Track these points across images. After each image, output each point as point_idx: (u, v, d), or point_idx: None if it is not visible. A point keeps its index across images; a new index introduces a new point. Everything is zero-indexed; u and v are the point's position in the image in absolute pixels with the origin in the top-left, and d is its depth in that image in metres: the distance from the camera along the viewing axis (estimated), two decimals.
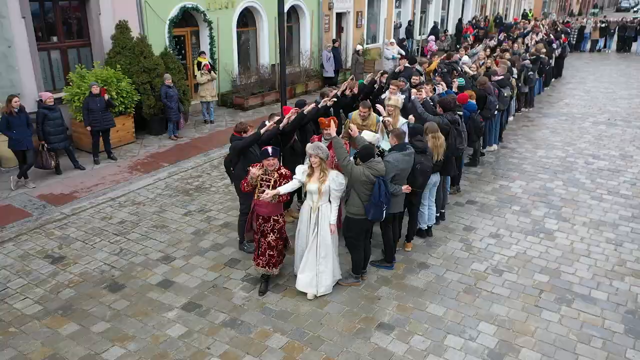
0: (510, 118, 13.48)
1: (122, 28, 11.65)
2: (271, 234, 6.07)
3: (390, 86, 8.66)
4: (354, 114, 8.01)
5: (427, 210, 7.40)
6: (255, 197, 5.99)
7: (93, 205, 8.67)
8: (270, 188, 5.80)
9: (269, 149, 5.80)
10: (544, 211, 8.52)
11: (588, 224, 8.11)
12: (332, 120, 6.38)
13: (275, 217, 6.08)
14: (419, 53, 22.36)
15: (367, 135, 6.42)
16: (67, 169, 10.00)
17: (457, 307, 6.02)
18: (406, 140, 6.81)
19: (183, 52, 14.22)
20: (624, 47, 28.21)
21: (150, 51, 11.82)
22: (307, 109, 7.34)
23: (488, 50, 15.35)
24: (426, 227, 7.53)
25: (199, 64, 13.48)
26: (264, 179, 5.92)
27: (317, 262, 6.04)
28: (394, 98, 7.96)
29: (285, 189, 5.86)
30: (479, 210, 8.51)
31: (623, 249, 7.36)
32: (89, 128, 10.19)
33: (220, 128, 13.19)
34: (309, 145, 5.98)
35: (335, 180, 5.89)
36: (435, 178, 7.25)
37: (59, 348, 5.33)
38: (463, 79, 9.74)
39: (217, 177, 10.01)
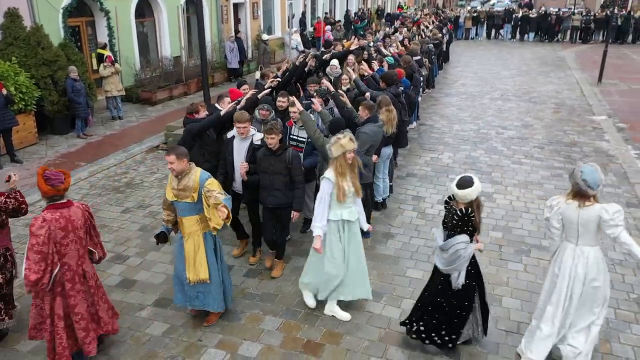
0: (419, 98, 14.16)
1: (12, 16, 10.41)
2: None
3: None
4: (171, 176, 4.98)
5: (381, 183, 7.54)
6: None
7: None
8: None
9: None
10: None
11: (518, 184, 8.78)
12: (294, 98, 6.26)
13: None
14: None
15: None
16: None
17: None
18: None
19: (79, 44, 13.03)
20: (495, 34, 30.94)
21: (48, 42, 10.69)
22: (252, 93, 7.06)
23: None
24: (381, 200, 7.67)
25: (100, 56, 12.49)
26: None
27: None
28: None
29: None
30: (420, 181, 8.84)
31: None
32: None
33: (131, 124, 12.33)
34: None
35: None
36: (388, 151, 7.41)
37: None
38: (392, 58, 10.04)
39: (145, 172, 9.35)
